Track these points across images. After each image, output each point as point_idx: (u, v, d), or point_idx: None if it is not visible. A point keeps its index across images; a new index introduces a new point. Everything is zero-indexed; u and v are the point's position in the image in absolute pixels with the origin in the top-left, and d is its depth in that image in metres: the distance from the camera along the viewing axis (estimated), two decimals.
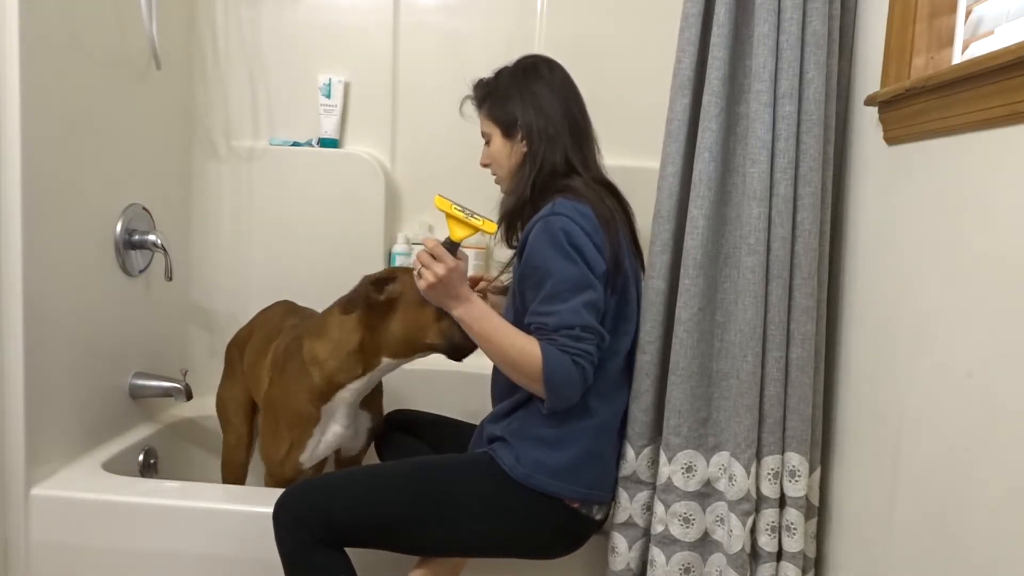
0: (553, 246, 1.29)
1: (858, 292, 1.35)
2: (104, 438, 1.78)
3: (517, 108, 1.45)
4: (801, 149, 1.33)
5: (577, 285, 1.28)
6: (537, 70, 1.48)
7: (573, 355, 1.27)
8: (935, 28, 1.20)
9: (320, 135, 2.14)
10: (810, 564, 1.40)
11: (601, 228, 1.33)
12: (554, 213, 1.31)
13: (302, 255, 2.15)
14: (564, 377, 1.27)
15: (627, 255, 1.40)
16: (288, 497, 1.31)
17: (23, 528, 1.53)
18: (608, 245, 1.32)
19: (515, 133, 1.46)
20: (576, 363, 1.27)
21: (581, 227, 1.30)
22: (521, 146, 1.45)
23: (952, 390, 1.03)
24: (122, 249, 1.79)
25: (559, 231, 1.29)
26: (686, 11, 1.36)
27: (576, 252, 1.28)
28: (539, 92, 1.45)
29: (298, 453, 1.59)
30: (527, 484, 1.32)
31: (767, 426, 1.35)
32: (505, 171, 1.49)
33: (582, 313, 1.27)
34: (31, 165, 1.47)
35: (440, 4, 2.13)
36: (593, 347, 1.29)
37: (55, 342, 1.58)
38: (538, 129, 1.43)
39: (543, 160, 1.42)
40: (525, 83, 1.47)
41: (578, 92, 1.50)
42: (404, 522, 1.31)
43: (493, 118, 1.49)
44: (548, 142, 1.42)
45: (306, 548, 1.28)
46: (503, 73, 1.51)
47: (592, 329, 1.29)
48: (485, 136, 1.52)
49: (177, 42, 2.02)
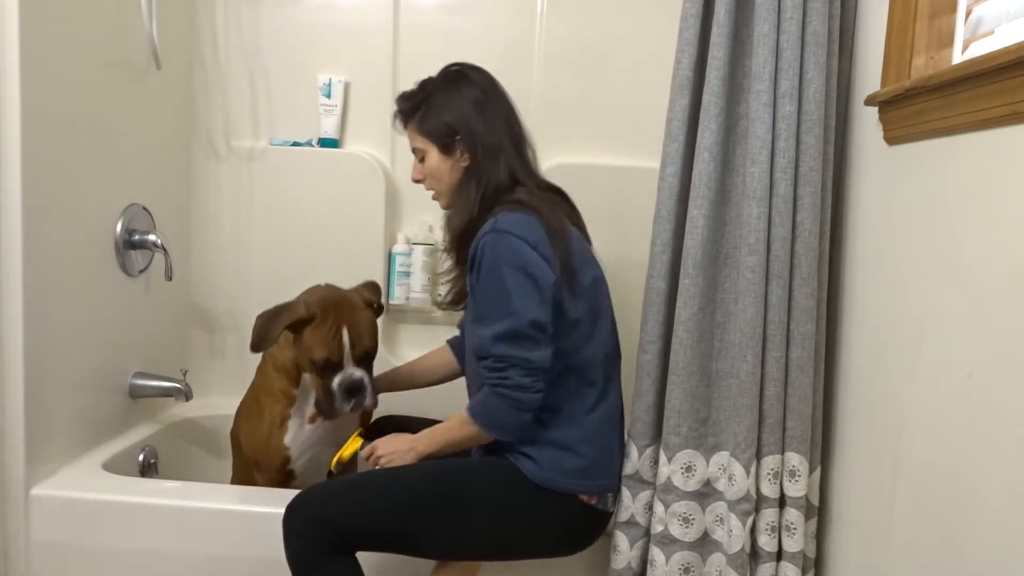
0: (492, 265, 1.27)
1: (858, 292, 1.35)
2: (104, 438, 1.78)
3: (453, 120, 1.38)
4: (801, 149, 1.33)
5: (501, 311, 1.26)
6: (463, 75, 1.42)
7: (492, 385, 1.28)
8: (935, 28, 1.20)
9: (320, 135, 2.14)
10: (810, 564, 1.40)
11: (548, 238, 1.29)
12: (496, 230, 1.28)
13: (302, 255, 2.14)
14: (491, 415, 1.30)
15: (586, 260, 1.38)
16: (300, 502, 1.29)
17: (23, 528, 1.53)
18: (558, 254, 1.29)
19: (454, 148, 1.39)
20: (498, 393, 1.27)
21: (526, 240, 1.27)
22: (462, 160, 1.39)
23: (952, 390, 1.03)
24: (122, 249, 1.79)
25: (501, 249, 1.27)
26: (685, 11, 1.36)
27: (516, 272, 1.26)
28: (473, 101, 1.39)
29: (281, 433, 1.61)
30: (548, 487, 1.32)
31: (767, 426, 1.35)
32: (446, 187, 1.42)
33: (498, 343, 1.26)
34: (31, 165, 1.47)
35: (440, 4, 2.13)
36: (515, 373, 1.26)
37: (55, 342, 1.58)
38: (481, 143, 1.37)
39: (488, 176, 1.36)
40: (457, 92, 1.40)
41: (509, 97, 1.45)
42: (422, 526, 1.30)
43: (427, 133, 1.40)
44: (490, 156, 1.37)
45: (318, 554, 1.26)
46: (430, 84, 1.43)
47: (505, 358, 1.26)
48: (418, 152, 1.44)
49: (177, 42, 2.02)
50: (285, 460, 1.63)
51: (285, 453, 1.62)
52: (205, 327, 2.19)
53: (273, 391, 1.65)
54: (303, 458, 1.65)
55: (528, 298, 1.26)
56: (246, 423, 1.71)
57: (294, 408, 1.64)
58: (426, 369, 1.69)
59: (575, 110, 2.12)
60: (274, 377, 1.66)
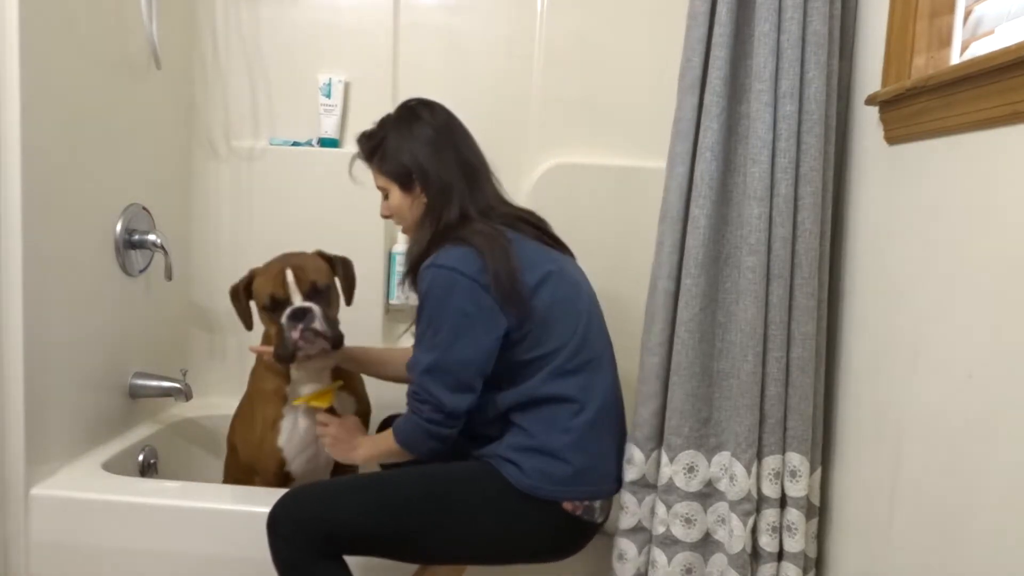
0: (426, 300, 1.33)
1: (859, 292, 1.35)
2: (104, 438, 1.78)
3: (407, 160, 1.43)
4: (802, 149, 1.33)
5: (431, 341, 1.32)
6: (416, 114, 1.46)
7: (411, 411, 1.36)
8: (935, 28, 1.20)
9: (320, 135, 2.14)
10: (811, 564, 1.40)
11: (484, 263, 1.30)
12: (434, 265, 1.32)
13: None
14: (406, 436, 1.37)
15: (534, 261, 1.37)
16: (285, 505, 1.30)
17: (23, 528, 1.53)
18: (495, 281, 1.30)
19: (413, 186, 1.44)
20: (415, 421, 1.35)
21: (462, 273, 1.30)
22: (422, 197, 1.43)
23: (952, 391, 1.03)
24: (122, 249, 1.79)
25: (440, 281, 1.31)
26: (694, 10, 1.35)
27: (453, 309, 1.30)
28: (426, 140, 1.43)
29: (274, 435, 1.62)
30: (534, 495, 1.32)
31: (768, 426, 1.35)
32: (410, 222, 1.47)
33: (423, 375, 1.33)
34: (31, 165, 1.47)
35: (440, 4, 2.13)
36: (427, 409, 1.32)
37: (55, 342, 1.58)
38: (433, 183, 1.41)
39: (441, 213, 1.41)
40: (409, 132, 1.44)
41: (464, 128, 1.48)
42: (409, 530, 1.30)
43: (387, 174, 1.46)
44: (443, 195, 1.41)
45: (305, 558, 1.27)
46: (387, 124, 1.48)
47: (424, 392, 1.32)
48: (382, 191, 1.49)
49: (177, 42, 2.02)
50: (281, 462, 1.63)
51: (280, 455, 1.63)
52: (205, 327, 2.19)
53: (265, 393, 1.66)
54: (299, 459, 1.65)
55: (462, 337, 1.31)
56: (241, 428, 1.71)
57: (286, 408, 1.64)
58: (396, 360, 1.69)
59: (575, 110, 2.12)
60: (266, 378, 1.67)
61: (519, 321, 1.32)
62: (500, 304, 1.30)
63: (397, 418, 1.43)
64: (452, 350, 1.31)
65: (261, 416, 1.64)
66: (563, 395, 1.34)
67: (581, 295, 1.43)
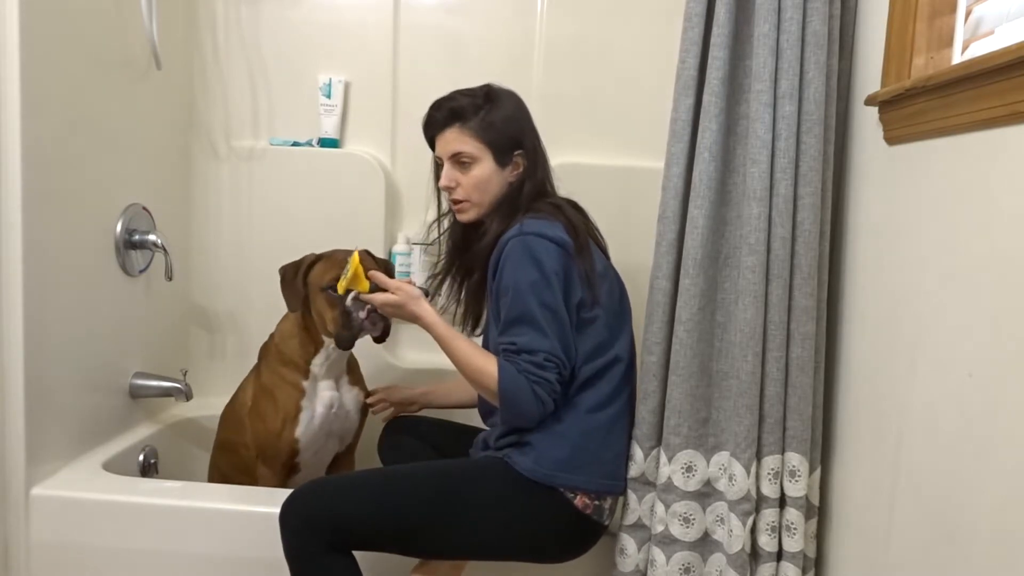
0: (526, 267, 1.28)
1: (858, 292, 1.35)
2: (104, 438, 1.78)
3: (519, 133, 1.42)
4: (801, 149, 1.33)
5: (544, 309, 1.28)
6: (510, 91, 1.46)
7: (533, 381, 1.28)
8: (935, 28, 1.20)
9: (320, 135, 2.14)
10: (810, 564, 1.40)
11: (573, 242, 1.33)
12: (525, 233, 1.30)
13: (302, 255, 2.14)
14: (517, 395, 1.28)
15: (606, 266, 1.43)
16: (296, 499, 1.30)
17: (23, 528, 1.53)
18: (580, 259, 1.32)
19: (510, 161, 1.41)
20: (534, 390, 1.28)
21: (552, 241, 1.30)
22: (509, 173, 1.42)
23: (952, 390, 1.03)
24: (122, 249, 1.79)
25: (533, 252, 1.29)
26: (690, 11, 1.36)
27: (549, 274, 1.29)
28: (528, 116, 1.45)
29: (293, 427, 1.67)
30: (548, 484, 1.32)
31: (767, 426, 1.35)
32: (489, 198, 1.41)
33: (545, 340, 1.28)
34: (31, 165, 1.47)
35: (440, 4, 2.13)
36: (554, 375, 1.28)
37: (55, 342, 1.58)
38: (534, 157, 1.43)
39: (537, 184, 1.42)
40: (518, 106, 1.45)
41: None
42: (420, 525, 1.30)
43: (487, 140, 1.39)
44: (542, 167, 1.44)
45: (315, 552, 1.27)
46: (492, 93, 1.43)
47: (554, 357, 1.28)
48: (467, 157, 1.39)
49: (177, 42, 2.02)
50: (294, 452, 1.69)
51: (295, 445, 1.68)
52: (205, 327, 2.19)
53: (285, 384, 1.70)
54: (310, 451, 1.71)
55: (551, 325, 1.29)
56: (256, 418, 1.73)
57: (305, 400, 1.69)
58: (457, 386, 1.71)
59: (575, 110, 2.12)
60: (283, 372, 1.71)
61: (591, 303, 1.35)
62: (583, 279, 1.33)
63: (504, 364, 1.31)
64: (545, 325, 1.29)
65: (283, 408, 1.68)
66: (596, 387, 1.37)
67: (626, 295, 1.48)
